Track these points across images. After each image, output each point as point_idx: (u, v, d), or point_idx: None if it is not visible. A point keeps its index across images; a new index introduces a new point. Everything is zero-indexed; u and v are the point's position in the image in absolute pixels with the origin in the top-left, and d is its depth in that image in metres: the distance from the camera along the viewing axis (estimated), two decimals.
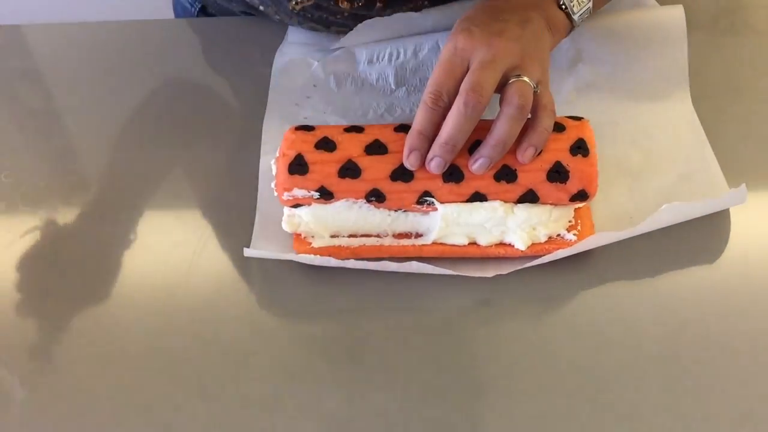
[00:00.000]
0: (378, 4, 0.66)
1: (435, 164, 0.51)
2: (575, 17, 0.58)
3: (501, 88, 0.52)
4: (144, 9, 0.86)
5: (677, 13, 0.65)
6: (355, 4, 0.66)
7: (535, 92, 0.52)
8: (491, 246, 0.53)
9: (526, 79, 0.52)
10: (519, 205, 0.53)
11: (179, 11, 0.84)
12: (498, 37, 0.52)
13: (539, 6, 0.57)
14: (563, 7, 0.58)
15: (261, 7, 0.69)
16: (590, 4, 0.59)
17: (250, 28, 0.74)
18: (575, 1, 0.58)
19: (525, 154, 0.51)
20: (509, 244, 0.53)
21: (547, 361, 0.49)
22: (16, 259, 0.57)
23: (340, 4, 0.66)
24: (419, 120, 0.52)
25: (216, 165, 0.62)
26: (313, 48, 0.69)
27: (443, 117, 0.51)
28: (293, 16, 0.68)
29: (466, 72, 0.52)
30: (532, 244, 0.53)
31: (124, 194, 0.61)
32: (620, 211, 0.56)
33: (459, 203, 0.52)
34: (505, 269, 0.53)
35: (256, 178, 0.59)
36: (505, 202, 0.52)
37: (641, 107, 0.63)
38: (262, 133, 0.62)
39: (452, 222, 0.52)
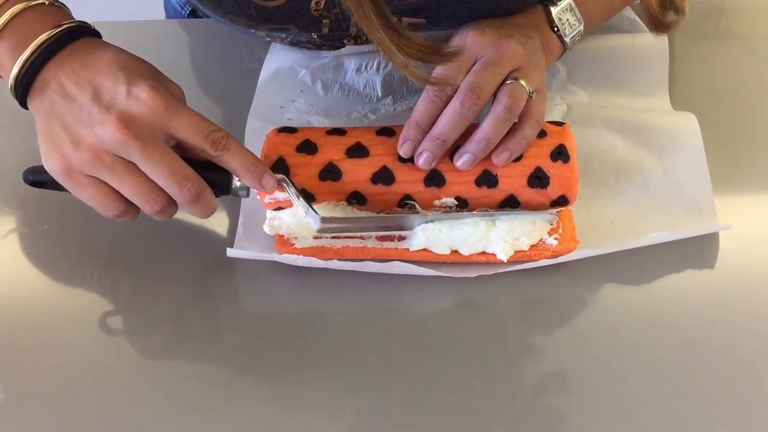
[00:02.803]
0: None
1: (423, 159, 0.52)
2: (567, 40, 0.60)
3: (499, 86, 0.53)
4: (134, 10, 0.86)
5: (661, 39, 0.67)
6: (359, 41, 0.67)
7: (529, 97, 0.53)
8: (474, 254, 0.53)
9: (523, 82, 0.52)
10: (501, 217, 0.52)
11: (170, 13, 0.84)
12: (507, 38, 0.54)
13: (536, 27, 0.58)
14: (556, 29, 0.59)
15: (252, 30, 0.69)
16: (581, 27, 0.60)
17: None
18: (567, 24, 0.59)
19: (499, 156, 0.52)
20: (492, 254, 0.53)
21: (528, 362, 0.50)
22: None
23: (345, 42, 0.66)
24: (418, 111, 0.53)
25: None
26: (302, 55, 0.69)
27: (442, 110, 0.52)
28: (285, 39, 0.68)
29: (471, 68, 0.53)
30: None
31: None
32: (602, 214, 0.56)
33: (440, 217, 0.52)
34: (488, 270, 0.53)
35: None
36: (487, 207, 0.52)
37: (627, 105, 0.64)
38: (244, 134, 0.62)
39: (434, 238, 0.52)
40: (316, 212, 0.52)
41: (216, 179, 0.50)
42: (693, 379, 0.49)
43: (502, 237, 0.52)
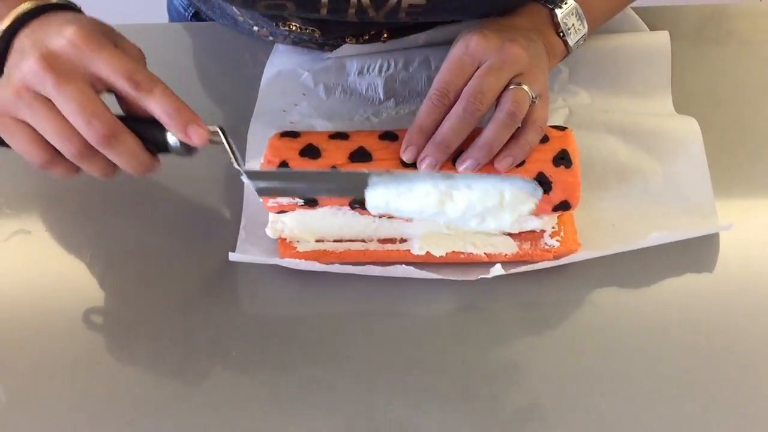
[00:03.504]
0: (383, 37, 0.67)
1: (426, 164, 0.52)
2: (571, 44, 0.60)
3: (502, 91, 0.53)
4: (138, 13, 0.86)
5: (663, 38, 0.67)
6: (361, 40, 0.67)
7: (532, 102, 0.53)
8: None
9: (525, 87, 0.52)
10: (459, 183, 0.48)
11: (173, 15, 0.84)
12: (510, 42, 0.53)
13: (540, 30, 0.58)
14: (561, 34, 0.59)
15: (255, 28, 0.69)
16: (585, 31, 0.60)
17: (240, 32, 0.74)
18: (572, 29, 0.59)
19: (502, 162, 0.52)
20: (497, 253, 0.54)
21: (529, 365, 0.50)
22: (0, 263, 0.57)
23: (347, 41, 0.67)
24: (421, 116, 0.53)
25: (203, 169, 0.62)
26: (304, 58, 0.69)
27: (445, 115, 0.52)
28: (288, 37, 0.68)
29: (475, 72, 0.53)
30: (518, 250, 0.54)
31: (109, 199, 0.61)
32: (604, 216, 0.57)
33: (391, 176, 0.48)
34: (489, 273, 0.53)
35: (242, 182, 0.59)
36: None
37: (629, 107, 0.64)
38: (247, 138, 0.62)
39: (431, 241, 0.52)
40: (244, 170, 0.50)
41: (150, 133, 0.48)
42: (694, 382, 0.49)
43: (462, 214, 0.48)
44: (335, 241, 0.55)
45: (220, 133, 0.49)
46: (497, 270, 0.52)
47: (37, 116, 0.47)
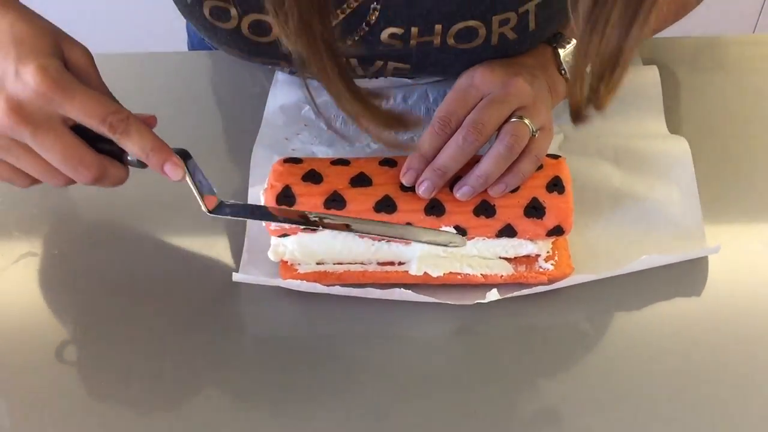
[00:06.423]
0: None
1: (424, 188, 0.53)
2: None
3: (503, 124, 0.54)
4: (158, 39, 0.88)
5: (652, 72, 0.69)
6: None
7: (533, 135, 0.54)
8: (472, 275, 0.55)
9: (527, 121, 0.53)
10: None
11: (190, 30, 0.86)
12: (515, 77, 0.54)
13: (544, 68, 0.59)
14: (563, 72, 0.60)
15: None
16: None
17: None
18: None
19: (495, 188, 0.53)
20: (494, 274, 0.55)
21: (524, 387, 0.51)
22: (8, 285, 0.57)
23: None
24: (422, 142, 0.54)
25: None
26: (304, 92, 0.70)
27: (446, 143, 0.53)
28: (284, 69, 0.70)
29: (478, 104, 0.54)
30: (514, 272, 0.55)
31: (115, 220, 0.62)
32: (598, 242, 0.58)
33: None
34: (486, 297, 0.54)
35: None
36: (484, 236, 0.54)
37: (621, 133, 0.65)
38: (250, 163, 0.64)
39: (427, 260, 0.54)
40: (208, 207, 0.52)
41: (118, 149, 0.49)
42: (685, 404, 0.50)
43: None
44: (335, 263, 0.56)
45: (187, 173, 0.50)
46: (493, 295, 0.53)
47: (18, 160, 0.48)
